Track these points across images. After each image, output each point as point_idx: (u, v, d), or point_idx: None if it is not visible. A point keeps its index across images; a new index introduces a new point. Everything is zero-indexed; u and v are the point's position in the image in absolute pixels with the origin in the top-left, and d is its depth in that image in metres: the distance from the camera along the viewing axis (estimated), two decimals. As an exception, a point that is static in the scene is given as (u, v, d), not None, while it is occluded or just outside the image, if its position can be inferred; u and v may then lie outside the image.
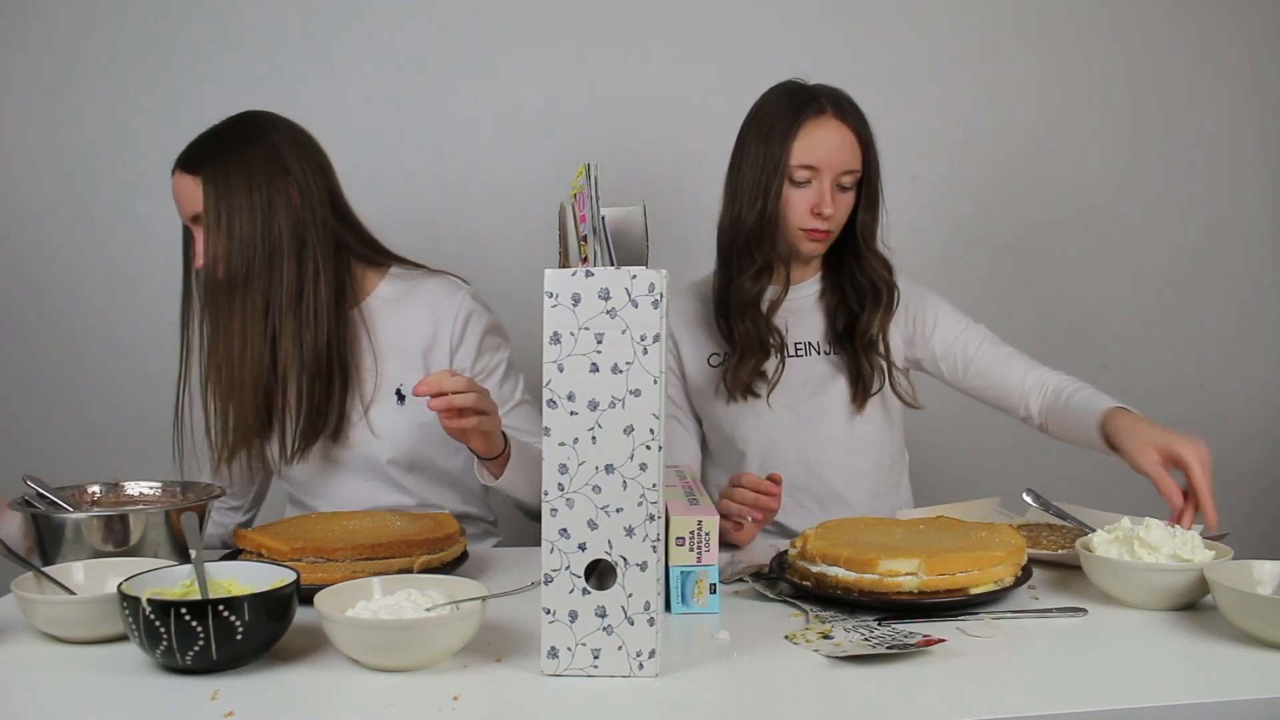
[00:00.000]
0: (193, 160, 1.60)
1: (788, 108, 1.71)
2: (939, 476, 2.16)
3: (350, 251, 1.69)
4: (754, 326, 1.75)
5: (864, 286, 1.77)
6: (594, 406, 1.06)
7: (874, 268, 1.76)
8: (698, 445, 1.88)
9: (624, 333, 1.05)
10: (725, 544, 1.58)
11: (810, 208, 1.70)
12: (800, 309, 1.81)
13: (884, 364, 1.79)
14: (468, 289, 1.73)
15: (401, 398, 1.67)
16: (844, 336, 1.79)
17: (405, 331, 1.69)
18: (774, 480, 1.54)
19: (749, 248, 1.72)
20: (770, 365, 1.77)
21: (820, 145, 1.69)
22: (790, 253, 1.75)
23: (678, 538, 1.29)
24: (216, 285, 1.59)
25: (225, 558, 1.38)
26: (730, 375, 1.77)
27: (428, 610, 1.12)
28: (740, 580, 1.40)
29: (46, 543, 1.35)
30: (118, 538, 1.33)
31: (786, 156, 1.69)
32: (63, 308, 2.23)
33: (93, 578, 1.26)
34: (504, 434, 1.54)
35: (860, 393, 1.78)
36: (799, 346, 1.81)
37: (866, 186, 1.74)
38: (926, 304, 1.82)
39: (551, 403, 1.06)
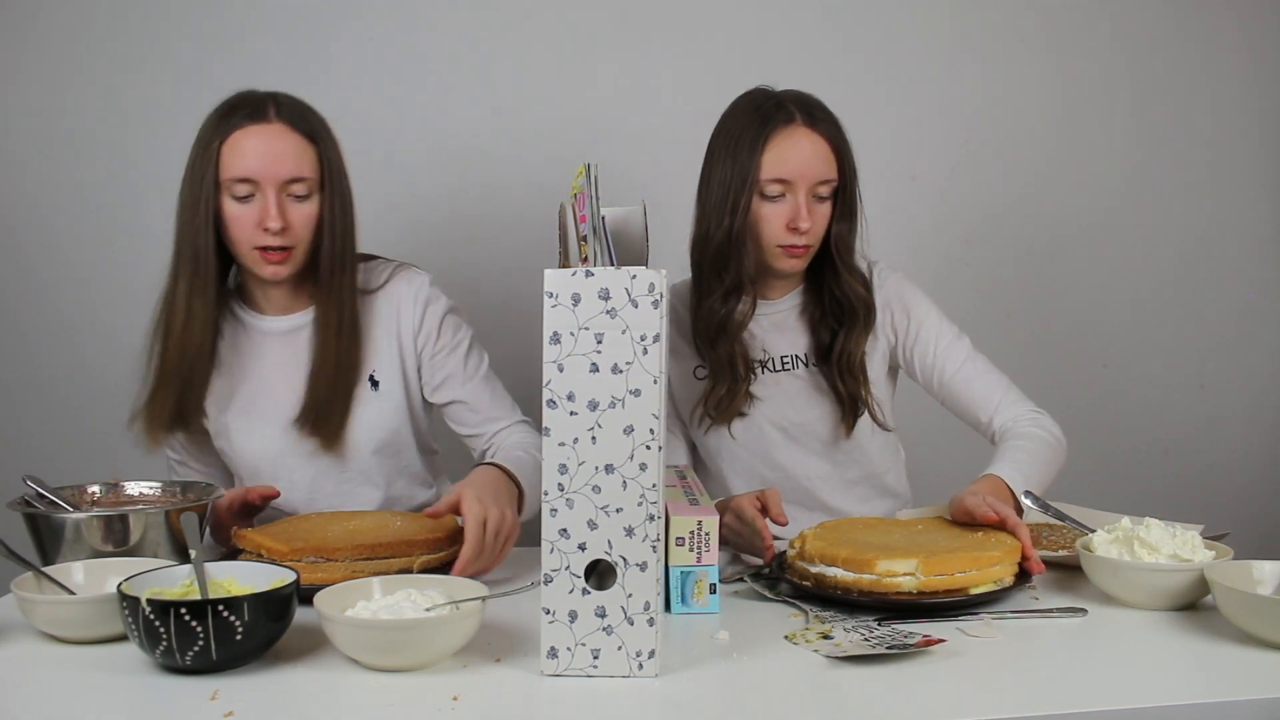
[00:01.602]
0: (309, 127, 1.57)
1: (754, 118, 1.63)
2: (938, 476, 2.15)
3: None
4: (726, 352, 1.70)
5: (841, 303, 1.70)
6: (594, 406, 1.06)
7: (850, 284, 1.69)
8: (687, 451, 1.84)
9: (624, 333, 1.05)
10: (726, 544, 1.57)
11: (786, 223, 1.63)
12: (784, 323, 1.76)
13: (862, 389, 1.72)
14: (426, 276, 1.73)
15: (375, 384, 1.67)
16: (827, 356, 1.73)
17: (372, 322, 1.69)
18: (772, 515, 1.47)
19: (717, 267, 1.66)
20: (750, 386, 1.72)
21: (791, 157, 1.61)
22: (762, 271, 1.70)
23: (678, 538, 1.29)
24: (334, 255, 1.59)
25: (224, 557, 1.38)
26: (710, 403, 1.72)
27: (428, 610, 1.12)
28: (740, 580, 1.40)
29: (46, 543, 1.35)
30: (118, 538, 1.33)
31: (756, 170, 1.61)
32: (64, 307, 2.23)
33: (93, 578, 1.26)
34: (510, 473, 1.55)
35: (849, 416, 1.74)
36: (785, 360, 1.75)
37: (843, 195, 1.66)
38: (912, 312, 1.76)
39: (551, 403, 1.06)
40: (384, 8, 2.26)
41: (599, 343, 1.06)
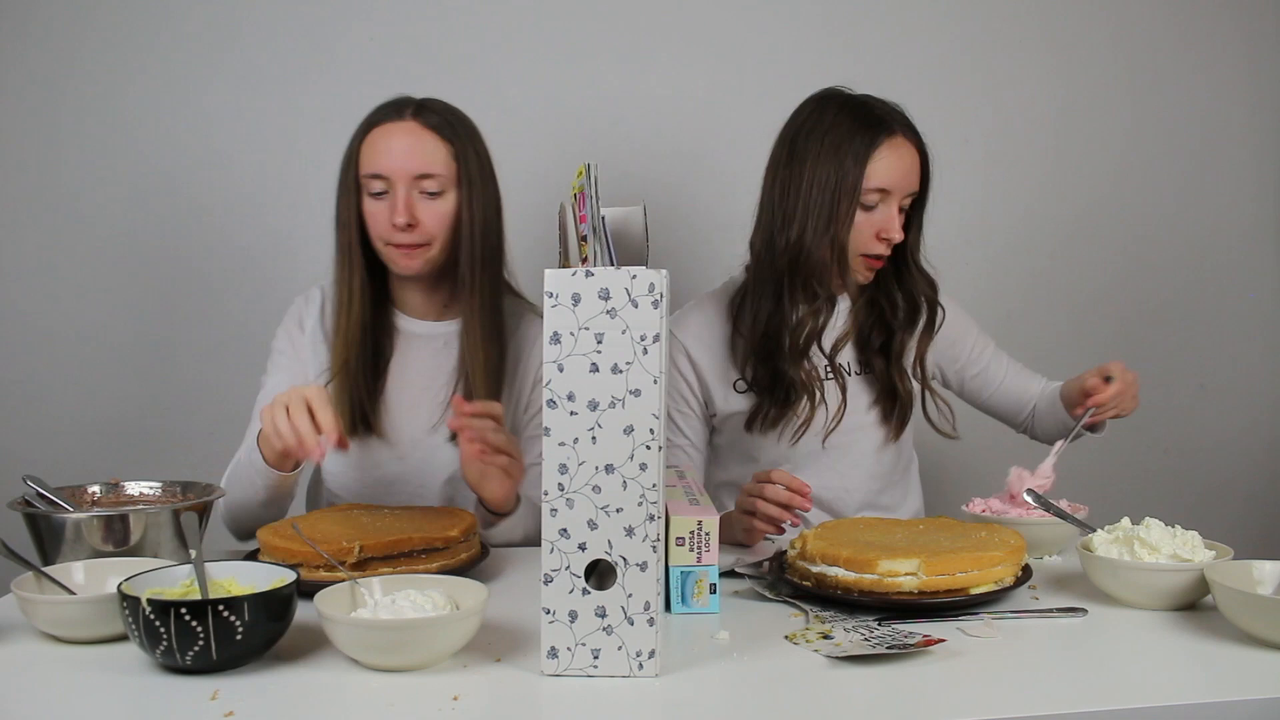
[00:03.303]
0: (443, 125, 1.58)
1: (858, 126, 1.61)
2: (940, 476, 2.16)
3: None
4: (812, 367, 1.66)
5: (901, 304, 1.70)
6: (594, 406, 1.06)
7: (919, 284, 1.70)
8: (702, 475, 1.81)
9: (624, 333, 1.05)
10: (733, 542, 1.58)
11: (876, 232, 1.63)
12: (832, 330, 1.72)
13: (919, 388, 1.73)
14: None
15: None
16: (879, 357, 1.72)
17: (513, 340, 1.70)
18: (804, 494, 1.48)
19: (815, 277, 1.62)
20: (827, 403, 1.69)
21: (895, 168, 1.61)
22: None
23: (678, 538, 1.29)
24: (473, 256, 1.59)
25: (247, 556, 1.38)
26: (780, 424, 1.68)
27: (428, 610, 1.12)
28: (734, 574, 1.40)
29: (46, 543, 1.35)
30: (118, 538, 1.33)
31: (862, 179, 1.59)
32: (62, 307, 2.23)
33: (93, 578, 1.26)
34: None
35: (898, 423, 1.73)
36: (825, 369, 1.73)
37: (919, 206, 1.69)
38: (953, 324, 1.79)
39: (551, 403, 1.06)
40: (385, 8, 2.26)
41: (599, 343, 1.05)
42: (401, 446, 1.69)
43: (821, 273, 1.63)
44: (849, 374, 1.75)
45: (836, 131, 1.62)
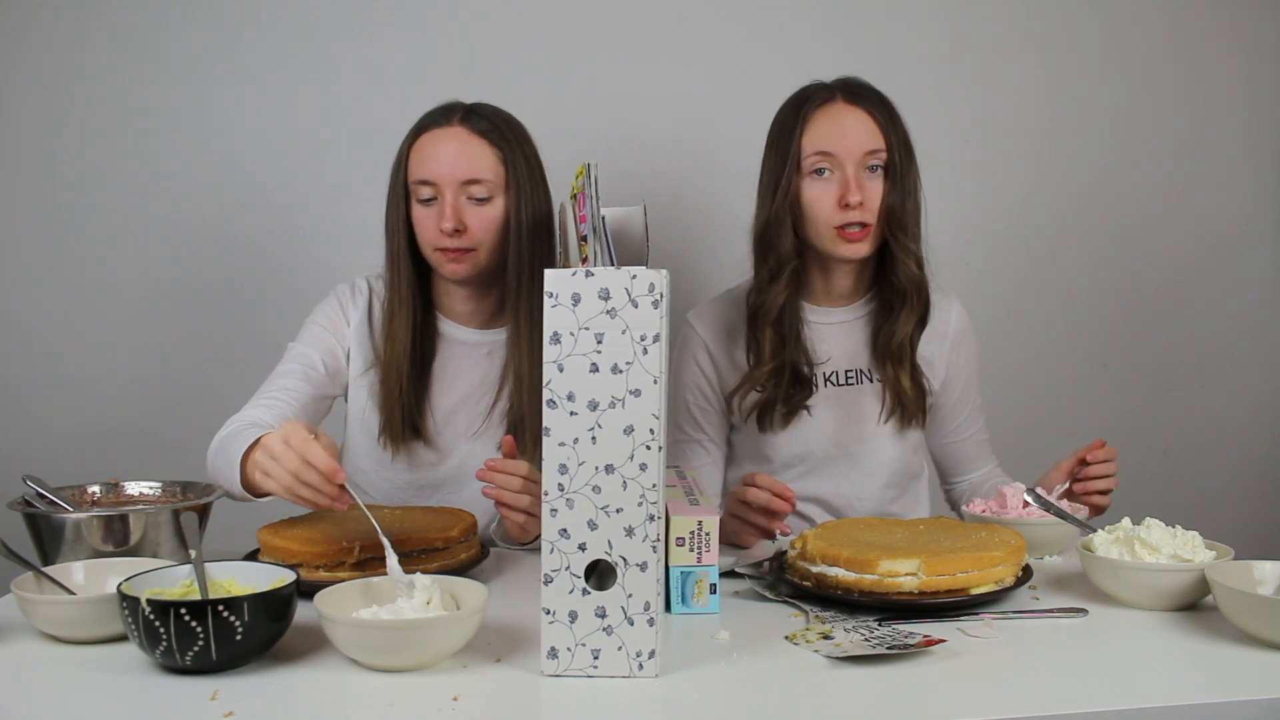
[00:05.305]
0: (492, 130, 1.59)
1: (794, 103, 1.67)
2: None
3: None
4: (779, 342, 1.67)
5: (895, 293, 1.69)
6: (594, 406, 1.06)
7: (903, 263, 1.65)
8: (722, 472, 1.81)
9: (624, 333, 1.05)
10: (732, 543, 1.57)
11: (837, 200, 1.60)
12: (850, 332, 1.73)
13: (924, 383, 1.72)
14: None
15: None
16: (888, 363, 1.71)
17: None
18: (786, 498, 1.48)
19: (764, 253, 1.66)
20: (806, 391, 1.69)
21: (831, 130, 1.61)
22: (821, 259, 1.68)
23: (678, 538, 1.29)
24: (520, 261, 1.57)
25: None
26: (790, 424, 1.70)
27: (428, 610, 1.12)
28: (734, 574, 1.40)
29: (46, 543, 1.35)
30: (118, 538, 1.34)
31: (798, 149, 1.62)
32: (62, 308, 2.23)
33: (93, 578, 1.26)
34: None
35: (903, 417, 1.72)
36: (849, 374, 1.73)
37: (892, 169, 1.63)
38: (960, 363, 1.79)
39: (551, 403, 1.06)
40: (384, 8, 2.26)
41: (599, 343, 1.05)
42: (441, 452, 1.68)
43: (773, 243, 1.65)
44: (859, 381, 1.74)
45: (780, 116, 1.68)
